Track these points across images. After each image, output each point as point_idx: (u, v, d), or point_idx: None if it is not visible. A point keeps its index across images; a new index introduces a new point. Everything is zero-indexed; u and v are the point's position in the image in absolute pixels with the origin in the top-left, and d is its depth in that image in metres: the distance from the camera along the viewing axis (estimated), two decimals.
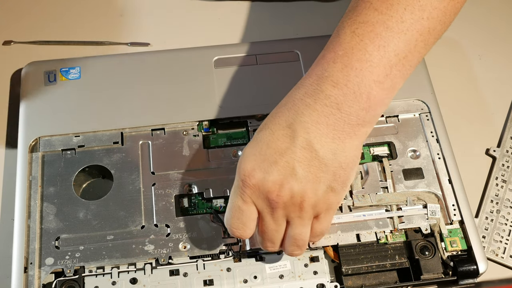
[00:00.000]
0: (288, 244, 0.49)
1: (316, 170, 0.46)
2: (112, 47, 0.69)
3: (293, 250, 0.49)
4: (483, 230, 0.59)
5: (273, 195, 0.46)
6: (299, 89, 0.48)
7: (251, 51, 0.65)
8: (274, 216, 0.47)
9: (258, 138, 0.47)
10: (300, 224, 0.47)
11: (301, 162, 0.45)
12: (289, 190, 0.45)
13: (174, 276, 0.53)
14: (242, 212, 0.47)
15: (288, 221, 0.48)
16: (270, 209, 0.47)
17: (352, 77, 0.45)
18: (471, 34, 0.72)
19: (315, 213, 0.47)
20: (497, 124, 0.66)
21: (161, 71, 0.63)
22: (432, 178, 0.58)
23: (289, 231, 0.48)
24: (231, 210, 0.48)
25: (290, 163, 0.45)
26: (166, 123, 0.60)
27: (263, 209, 0.47)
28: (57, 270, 0.53)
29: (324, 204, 0.47)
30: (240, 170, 0.47)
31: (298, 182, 0.45)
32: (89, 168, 0.58)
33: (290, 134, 0.46)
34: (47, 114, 0.60)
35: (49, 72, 0.63)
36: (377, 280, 0.55)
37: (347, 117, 0.46)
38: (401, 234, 0.56)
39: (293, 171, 0.45)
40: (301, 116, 0.46)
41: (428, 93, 0.63)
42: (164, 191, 0.57)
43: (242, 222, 0.47)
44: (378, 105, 0.47)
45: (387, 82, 0.46)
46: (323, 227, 0.49)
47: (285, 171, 0.45)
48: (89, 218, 0.56)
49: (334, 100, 0.46)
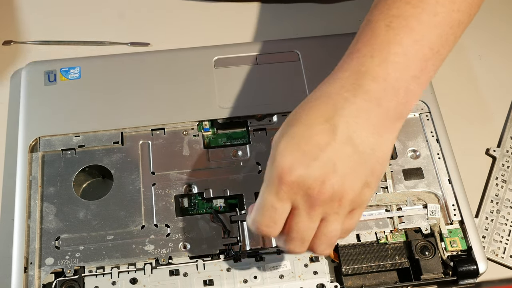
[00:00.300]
0: (319, 243, 0.47)
1: (356, 166, 0.45)
2: (112, 47, 0.69)
3: (324, 249, 0.47)
4: (483, 230, 0.59)
5: (314, 191, 0.44)
6: (334, 83, 0.46)
7: (251, 51, 0.65)
8: (311, 214, 0.45)
9: (292, 134, 0.45)
10: (336, 221, 0.46)
11: (342, 158, 0.44)
12: (331, 187, 0.44)
13: (174, 276, 0.53)
14: (276, 210, 0.45)
15: (322, 219, 0.46)
16: (307, 207, 0.45)
17: (390, 72, 0.45)
18: (471, 34, 0.72)
19: (350, 209, 0.46)
20: (497, 124, 0.66)
21: (161, 71, 0.63)
22: (432, 178, 0.58)
23: (323, 229, 0.46)
24: (263, 208, 0.46)
25: (331, 158, 0.44)
26: (166, 123, 0.60)
27: (299, 206, 0.45)
28: (57, 270, 0.53)
29: (359, 200, 0.46)
30: (277, 166, 0.45)
31: (339, 178, 0.44)
32: (89, 168, 0.58)
33: (329, 129, 0.44)
34: (47, 114, 0.60)
35: (49, 72, 0.63)
36: (377, 280, 0.55)
37: (386, 112, 0.45)
38: (401, 234, 0.56)
39: (334, 167, 0.44)
40: (340, 110, 0.45)
41: (428, 93, 0.63)
42: (164, 191, 0.57)
43: (274, 221, 0.45)
44: (414, 99, 0.46)
45: (422, 76, 0.46)
46: (353, 222, 0.48)
47: (326, 167, 0.44)
48: (89, 218, 0.56)
49: (374, 95, 0.45)
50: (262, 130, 0.61)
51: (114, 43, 0.69)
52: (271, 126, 0.61)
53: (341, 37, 0.68)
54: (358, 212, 0.47)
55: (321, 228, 0.46)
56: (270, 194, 0.45)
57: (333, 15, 0.72)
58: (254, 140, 0.60)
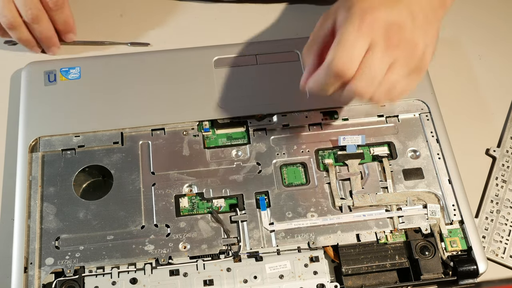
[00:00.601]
0: (381, 89, 0.51)
1: (425, 24, 0.51)
2: (112, 47, 0.69)
3: (383, 96, 0.51)
4: (483, 230, 0.59)
5: (393, 32, 0.49)
6: None
7: (251, 51, 0.65)
8: (385, 54, 0.49)
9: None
10: (401, 71, 0.51)
11: (417, 12, 0.50)
12: (409, 32, 0.49)
13: (174, 276, 0.53)
14: (355, 47, 0.48)
15: (390, 66, 0.50)
16: (383, 47, 0.49)
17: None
18: (471, 34, 0.72)
19: (414, 66, 0.51)
20: (497, 124, 0.66)
21: (161, 71, 0.63)
22: (432, 178, 0.58)
23: (389, 75, 0.50)
24: (343, 46, 0.48)
25: (410, 9, 0.50)
26: (166, 123, 0.60)
27: (376, 45, 0.49)
28: (57, 270, 0.53)
29: (422, 61, 0.51)
30: (361, 6, 0.49)
31: (414, 28, 0.50)
32: (89, 168, 0.58)
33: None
34: (47, 114, 0.60)
35: (49, 72, 0.63)
36: (377, 280, 0.55)
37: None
38: (401, 234, 0.56)
39: (412, 16, 0.50)
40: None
41: (428, 93, 0.63)
42: (164, 191, 0.57)
43: (351, 58, 0.48)
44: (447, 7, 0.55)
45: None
46: (412, 84, 0.52)
47: (406, 14, 0.50)
48: (89, 218, 0.56)
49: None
50: (262, 130, 0.61)
51: (114, 43, 0.69)
52: (271, 126, 0.61)
53: None
54: (419, 74, 0.52)
55: (387, 75, 0.50)
56: (352, 32, 0.49)
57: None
58: (254, 140, 0.60)
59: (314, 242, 0.55)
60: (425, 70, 0.53)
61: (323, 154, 0.60)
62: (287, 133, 0.61)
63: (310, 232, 0.56)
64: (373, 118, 0.62)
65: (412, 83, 0.52)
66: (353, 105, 0.62)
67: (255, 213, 0.56)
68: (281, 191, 0.58)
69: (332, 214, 0.56)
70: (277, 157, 0.59)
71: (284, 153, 0.60)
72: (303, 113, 0.61)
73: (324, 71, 0.50)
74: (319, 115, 0.61)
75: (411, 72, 0.51)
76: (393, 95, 0.52)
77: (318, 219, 0.56)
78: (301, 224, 0.56)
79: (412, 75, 0.52)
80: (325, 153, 0.60)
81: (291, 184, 0.58)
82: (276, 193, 0.57)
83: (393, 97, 0.52)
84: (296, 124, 0.61)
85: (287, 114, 0.61)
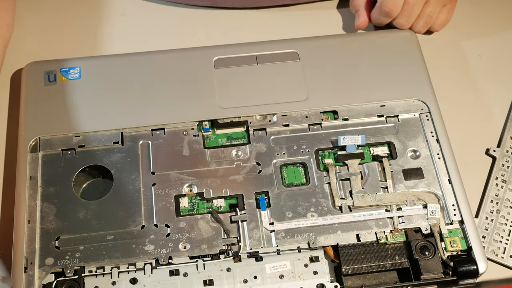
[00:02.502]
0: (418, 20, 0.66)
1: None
2: (112, 47, 0.69)
3: (422, 26, 0.67)
4: (483, 230, 0.59)
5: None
6: None
7: (251, 51, 0.65)
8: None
9: None
10: (436, 5, 0.66)
11: None
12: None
13: (174, 276, 0.54)
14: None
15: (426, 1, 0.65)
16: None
17: None
18: (471, 34, 0.72)
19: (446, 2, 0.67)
20: (497, 124, 0.66)
21: (161, 71, 0.63)
22: (432, 178, 0.58)
23: (426, 8, 0.66)
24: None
25: None
26: (166, 123, 0.60)
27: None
28: (57, 270, 0.53)
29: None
30: None
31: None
32: (89, 168, 0.58)
33: None
34: (47, 114, 0.60)
35: (49, 72, 0.63)
36: (377, 280, 0.55)
37: None
38: (401, 234, 0.56)
39: None
40: None
41: (428, 93, 0.63)
42: (164, 191, 0.57)
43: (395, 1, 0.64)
44: None
45: None
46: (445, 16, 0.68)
47: None
48: (89, 218, 0.56)
49: None
50: (262, 130, 0.61)
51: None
52: (271, 126, 0.61)
53: (341, 37, 0.68)
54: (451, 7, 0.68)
55: (424, 8, 0.66)
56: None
57: (333, 15, 0.72)
58: (254, 140, 0.60)
59: (314, 242, 0.55)
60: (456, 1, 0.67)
61: (323, 154, 0.60)
62: (287, 133, 0.61)
63: (310, 232, 0.56)
64: (373, 118, 0.62)
65: (448, 13, 0.67)
66: (353, 105, 0.62)
67: (255, 213, 0.56)
68: (281, 191, 0.58)
69: (332, 214, 0.57)
70: (277, 157, 0.59)
71: (284, 153, 0.60)
72: (303, 113, 0.61)
73: (377, 11, 0.66)
74: (319, 115, 0.61)
75: (446, 3, 0.66)
76: (428, 23, 0.67)
77: (318, 219, 0.56)
78: (301, 224, 0.56)
79: (446, 5, 0.67)
80: (325, 153, 0.60)
81: (291, 184, 0.58)
82: (276, 193, 0.57)
83: (432, 27, 0.68)
84: (296, 124, 0.61)
85: (287, 114, 0.61)
